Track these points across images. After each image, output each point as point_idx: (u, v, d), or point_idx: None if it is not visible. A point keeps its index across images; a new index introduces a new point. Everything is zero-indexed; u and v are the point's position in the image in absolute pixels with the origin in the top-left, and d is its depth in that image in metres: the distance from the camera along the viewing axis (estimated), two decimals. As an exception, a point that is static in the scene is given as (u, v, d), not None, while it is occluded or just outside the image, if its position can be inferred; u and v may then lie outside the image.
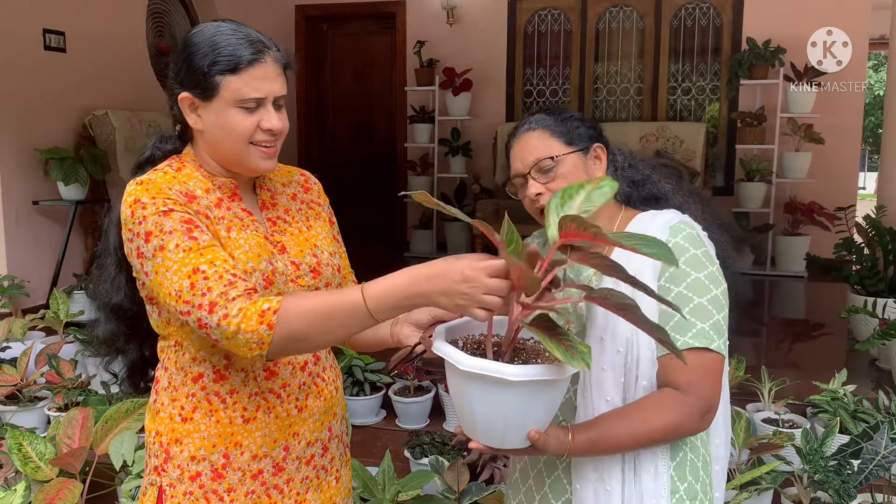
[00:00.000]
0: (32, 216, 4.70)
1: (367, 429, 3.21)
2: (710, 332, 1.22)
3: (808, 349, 4.39)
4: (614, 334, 1.27)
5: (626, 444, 1.22)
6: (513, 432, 1.10)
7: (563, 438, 1.18)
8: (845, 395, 2.83)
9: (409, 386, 3.26)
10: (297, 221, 1.37)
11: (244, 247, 1.24)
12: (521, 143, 1.39)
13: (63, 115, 4.84)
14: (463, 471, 2.54)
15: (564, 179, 1.33)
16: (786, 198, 6.05)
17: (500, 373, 1.03)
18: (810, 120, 5.88)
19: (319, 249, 1.35)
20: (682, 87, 6.61)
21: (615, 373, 1.26)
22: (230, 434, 1.26)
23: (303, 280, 1.29)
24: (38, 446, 2.56)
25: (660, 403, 1.22)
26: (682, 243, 1.28)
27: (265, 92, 1.22)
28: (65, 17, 4.81)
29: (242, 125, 1.22)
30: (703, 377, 1.22)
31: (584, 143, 1.37)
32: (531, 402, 1.07)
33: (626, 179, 1.41)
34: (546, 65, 6.90)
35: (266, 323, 1.08)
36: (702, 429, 1.25)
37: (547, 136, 1.36)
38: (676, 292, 1.25)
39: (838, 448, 2.48)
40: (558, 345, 1.00)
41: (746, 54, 5.98)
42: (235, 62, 1.20)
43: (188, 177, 1.26)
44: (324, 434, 1.35)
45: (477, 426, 1.12)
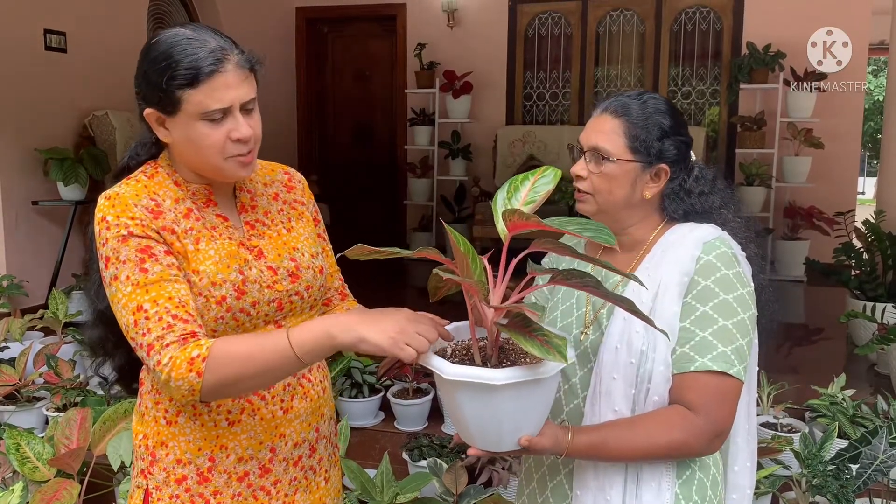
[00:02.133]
0: (32, 216, 4.70)
1: (365, 431, 3.20)
2: (732, 356, 1.19)
3: (807, 354, 4.39)
4: (630, 345, 1.25)
5: (627, 454, 1.20)
6: (508, 434, 1.10)
7: (561, 438, 1.17)
8: (844, 400, 2.82)
9: (408, 388, 3.25)
10: (277, 224, 1.34)
11: (213, 257, 1.22)
12: (597, 119, 1.33)
13: (63, 115, 4.84)
14: (461, 473, 2.53)
15: (608, 181, 1.30)
16: (785, 202, 6.06)
17: (484, 378, 1.04)
18: (810, 124, 5.89)
19: (299, 252, 1.33)
20: (682, 91, 6.61)
21: (626, 383, 1.24)
22: (215, 437, 1.25)
23: (280, 285, 1.28)
24: (36, 446, 2.56)
25: (668, 420, 1.19)
26: (714, 262, 1.24)
27: (229, 101, 1.16)
28: (66, 17, 4.81)
29: (211, 139, 1.18)
30: (718, 401, 1.19)
31: (648, 158, 1.29)
32: (522, 403, 1.07)
33: (685, 206, 1.33)
34: (546, 68, 6.90)
35: (195, 370, 1.09)
36: (709, 452, 1.23)
37: (620, 130, 1.29)
38: (702, 312, 1.22)
39: (837, 453, 2.48)
40: (533, 341, 1.02)
41: (746, 58, 5.99)
42: (194, 75, 1.14)
43: (159, 185, 1.24)
44: (311, 435, 1.34)
45: (472, 432, 1.12)
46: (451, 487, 2.51)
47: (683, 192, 1.32)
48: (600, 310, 1.33)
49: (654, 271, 1.27)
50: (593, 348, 1.30)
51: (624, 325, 1.25)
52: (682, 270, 1.24)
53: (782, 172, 6.04)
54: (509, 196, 1.12)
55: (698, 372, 1.18)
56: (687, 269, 1.24)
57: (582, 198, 1.34)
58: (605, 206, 1.32)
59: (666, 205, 1.33)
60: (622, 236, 1.35)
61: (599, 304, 1.34)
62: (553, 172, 1.13)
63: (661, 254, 1.29)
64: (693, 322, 1.21)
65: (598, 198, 1.31)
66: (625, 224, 1.34)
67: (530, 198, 1.11)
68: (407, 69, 7.06)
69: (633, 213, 1.34)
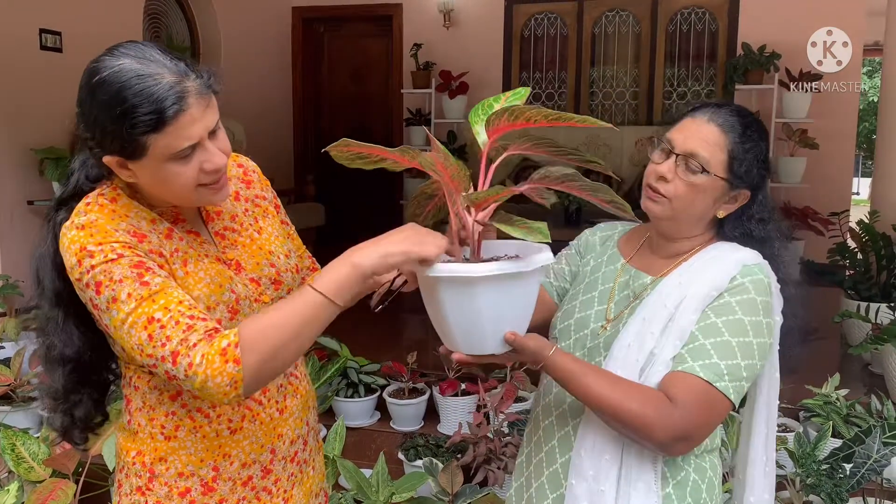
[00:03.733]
0: (27, 216, 4.69)
1: (361, 431, 3.21)
2: (724, 370, 1.17)
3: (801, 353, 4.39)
4: (641, 344, 1.25)
5: (593, 399, 1.17)
6: (490, 335, 1.11)
7: (544, 349, 1.17)
8: (838, 400, 2.84)
9: (404, 388, 3.26)
10: (246, 227, 1.29)
11: (204, 279, 1.17)
12: (698, 123, 1.29)
13: (59, 115, 4.80)
14: (457, 473, 2.54)
15: (693, 192, 1.26)
16: (780, 203, 6.07)
17: (463, 272, 1.06)
18: (805, 125, 5.91)
19: (275, 255, 1.29)
20: (677, 92, 6.63)
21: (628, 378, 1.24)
22: (217, 447, 1.23)
23: (266, 296, 1.25)
24: (32, 447, 2.55)
25: (648, 396, 1.18)
26: (746, 284, 1.23)
27: (198, 136, 1.08)
28: (61, 16, 4.80)
29: (184, 176, 1.10)
30: (698, 405, 1.17)
31: (737, 180, 1.27)
32: (502, 300, 1.08)
33: (744, 230, 1.31)
34: (542, 68, 6.91)
35: (232, 360, 1.02)
36: (669, 451, 1.20)
37: (722, 144, 1.25)
38: (712, 321, 1.21)
39: (830, 452, 2.49)
40: (515, 227, 1.06)
41: (742, 59, 6.00)
42: (156, 119, 1.04)
43: (127, 208, 1.15)
44: (303, 429, 1.35)
45: (454, 335, 1.13)
46: (446, 487, 2.51)
47: (746, 217, 1.31)
48: (623, 311, 1.33)
49: (687, 279, 1.27)
50: (606, 344, 1.31)
51: (642, 326, 1.26)
52: (714, 286, 1.24)
53: (777, 173, 6.05)
54: (483, 113, 1.14)
55: (688, 373, 1.18)
56: (719, 286, 1.23)
57: (656, 198, 1.29)
58: (679, 214, 1.29)
59: (725, 225, 1.32)
60: (671, 244, 1.35)
61: (624, 303, 1.34)
62: (521, 91, 1.15)
63: (698, 266, 1.28)
64: (700, 329, 1.21)
65: (676, 204, 1.28)
66: (684, 235, 1.33)
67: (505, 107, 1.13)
68: (403, 69, 7.06)
69: (698, 227, 1.33)
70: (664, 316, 1.24)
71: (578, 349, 1.35)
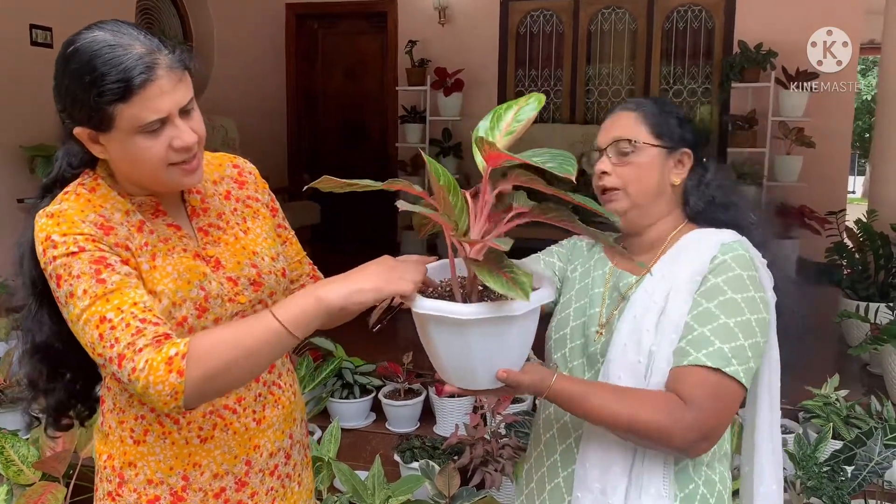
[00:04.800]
0: (17, 215, 4.63)
1: (356, 432, 3.18)
2: (729, 354, 1.14)
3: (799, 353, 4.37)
4: (638, 343, 1.22)
5: (605, 418, 1.14)
6: (482, 372, 1.08)
7: (544, 380, 1.13)
8: (837, 401, 2.82)
9: (400, 389, 3.22)
10: (233, 226, 1.26)
11: (172, 274, 1.14)
12: (612, 118, 1.34)
13: (49, 111, 4.68)
14: (454, 475, 2.50)
15: (636, 169, 1.28)
16: (776, 201, 6.05)
17: (452, 313, 1.01)
18: (801, 123, 5.89)
19: (259, 256, 1.25)
20: (673, 90, 6.60)
21: (633, 383, 1.22)
22: (187, 455, 1.18)
23: (242, 296, 1.21)
24: (21, 449, 2.51)
25: (657, 401, 1.14)
26: (730, 262, 1.21)
27: (167, 109, 1.07)
28: (52, 12, 4.74)
29: (151, 151, 1.08)
30: (711, 398, 1.13)
31: (672, 143, 1.30)
32: (493, 341, 1.05)
33: (706, 197, 1.32)
34: (538, 66, 6.88)
35: (175, 370, 0.99)
36: (690, 453, 1.16)
37: (639, 120, 1.30)
38: (705, 308, 1.19)
39: (831, 454, 2.47)
40: (497, 277, 0.98)
41: (738, 57, 5.98)
42: (124, 87, 1.04)
43: (104, 198, 1.14)
44: (285, 442, 1.30)
45: (446, 368, 1.10)
46: (443, 490, 2.48)
47: (704, 185, 1.32)
48: (613, 312, 1.31)
49: (668, 270, 1.25)
50: (603, 350, 1.28)
51: (633, 325, 1.23)
52: (696, 269, 1.22)
53: (774, 172, 6.04)
54: (492, 126, 1.07)
55: (692, 366, 1.14)
56: (701, 269, 1.22)
57: (611, 196, 1.30)
58: (637, 197, 1.29)
59: (689, 198, 1.32)
60: (646, 234, 1.33)
61: (613, 307, 1.31)
62: (537, 99, 1.07)
63: (677, 254, 1.27)
64: (695, 318, 1.18)
65: (630, 189, 1.28)
66: (654, 216, 1.32)
67: (511, 127, 1.06)
68: (398, 66, 7.02)
69: (661, 205, 1.31)
70: (654, 311, 1.22)
71: (577, 357, 1.32)
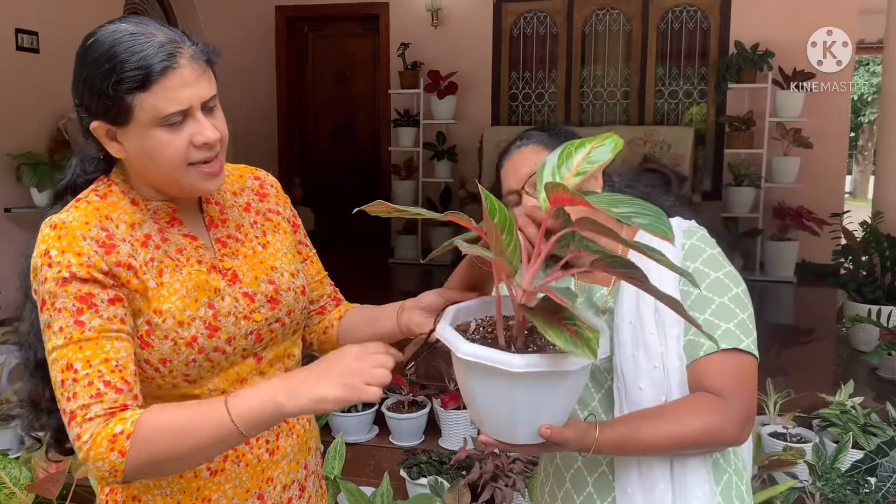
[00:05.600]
0: (4, 224, 4.51)
1: (359, 446, 3.09)
2: (737, 331, 1.15)
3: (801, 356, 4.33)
4: (647, 350, 1.18)
5: (660, 444, 1.10)
6: (523, 427, 0.98)
7: (588, 434, 1.07)
8: (853, 408, 2.76)
9: (403, 401, 3.14)
10: (252, 239, 1.21)
11: (180, 291, 1.08)
12: (513, 158, 1.31)
13: (36, 118, 4.65)
14: (464, 492, 2.42)
15: None
16: (774, 202, 6.02)
17: (501, 363, 0.91)
18: (798, 124, 5.86)
19: (278, 272, 1.19)
20: (669, 91, 6.56)
21: (655, 390, 1.17)
22: (196, 489, 1.12)
23: (258, 314, 1.15)
24: (13, 471, 2.41)
25: (699, 405, 1.12)
26: (698, 244, 1.23)
27: (188, 101, 1.03)
28: (38, 16, 4.63)
29: (172, 147, 1.03)
30: (739, 381, 1.14)
31: None
32: (542, 395, 0.96)
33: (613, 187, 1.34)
34: (532, 68, 6.82)
35: (118, 449, 0.95)
36: (741, 440, 1.15)
37: (541, 149, 1.26)
38: (697, 294, 1.18)
39: (852, 465, 2.40)
40: (560, 330, 0.88)
41: (735, 58, 5.95)
42: (144, 75, 1.00)
43: (113, 206, 1.09)
44: (300, 474, 1.23)
45: (483, 418, 1.01)
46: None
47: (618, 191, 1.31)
48: None
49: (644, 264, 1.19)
50: (604, 367, 1.23)
51: (633, 331, 1.19)
52: (672, 259, 1.18)
53: (771, 172, 6.01)
54: (559, 164, 0.97)
55: (709, 355, 1.14)
56: (674, 257, 1.20)
57: None
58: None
59: None
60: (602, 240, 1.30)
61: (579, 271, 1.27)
62: (613, 142, 0.97)
63: None
64: (691, 307, 1.17)
65: None
66: None
67: (582, 168, 0.96)
68: (390, 69, 6.94)
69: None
70: (649, 310, 1.19)
71: None
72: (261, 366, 1.17)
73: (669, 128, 6.29)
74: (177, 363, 1.06)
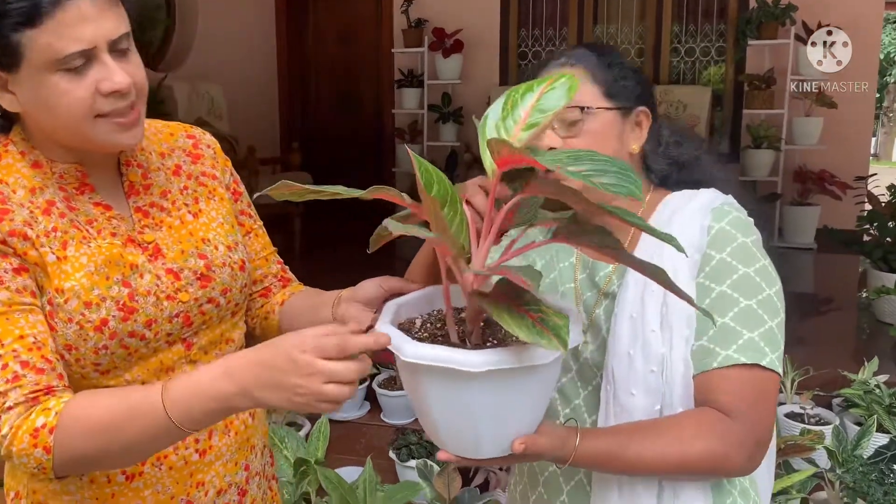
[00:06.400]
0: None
1: (348, 424, 2.99)
2: (761, 343, 0.97)
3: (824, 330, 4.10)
4: (645, 348, 1.00)
5: (650, 466, 0.94)
6: (488, 437, 0.84)
7: (566, 443, 0.91)
8: (878, 387, 2.55)
9: (395, 377, 2.98)
10: (179, 207, 1.06)
11: (87, 267, 0.94)
12: None
13: None
14: (454, 477, 2.28)
15: (590, 140, 1.05)
16: (795, 165, 5.75)
17: (456, 363, 0.76)
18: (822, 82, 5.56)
19: (210, 245, 1.05)
20: (685, 49, 6.26)
21: (649, 398, 1.00)
22: (110, 496, 0.99)
23: (185, 294, 1.01)
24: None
25: (702, 424, 0.95)
26: (728, 229, 1.03)
27: (90, 39, 0.88)
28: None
29: (72, 96, 0.89)
30: (755, 401, 0.96)
31: (627, 102, 1.09)
32: (507, 398, 0.81)
33: (669, 159, 1.14)
34: (542, 26, 6.53)
35: (42, 445, 0.85)
36: (748, 469, 0.98)
37: (586, 79, 1.07)
38: (718, 292, 1.00)
39: (876, 451, 2.22)
40: (521, 319, 0.74)
41: (755, 12, 5.64)
42: (30, 6, 0.85)
43: (9, 170, 0.95)
44: (239, 476, 1.09)
45: (440, 432, 0.85)
46: (442, 492, 2.27)
47: (662, 145, 1.14)
48: (594, 310, 1.08)
49: (654, 251, 1.02)
50: (595, 361, 1.06)
51: (633, 327, 1.01)
52: (692, 245, 1.02)
53: (792, 134, 5.72)
54: (504, 115, 0.81)
55: (724, 368, 0.96)
56: (698, 244, 1.02)
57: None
58: None
59: (650, 163, 1.14)
60: None
61: (592, 303, 1.09)
62: (568, 82, 0.82)
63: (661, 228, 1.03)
64: (709, 307, 0.99)
65: None
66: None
67: (532, 119, 0.80)
68: (393, 27, 6.68)
69: None
70: (655, 304, 1.01)
71: (564, 374, 1.11)
72: (191, 353, 1.03)
73: (685, 87, 6.01)
74: (84, 350, 0.92)
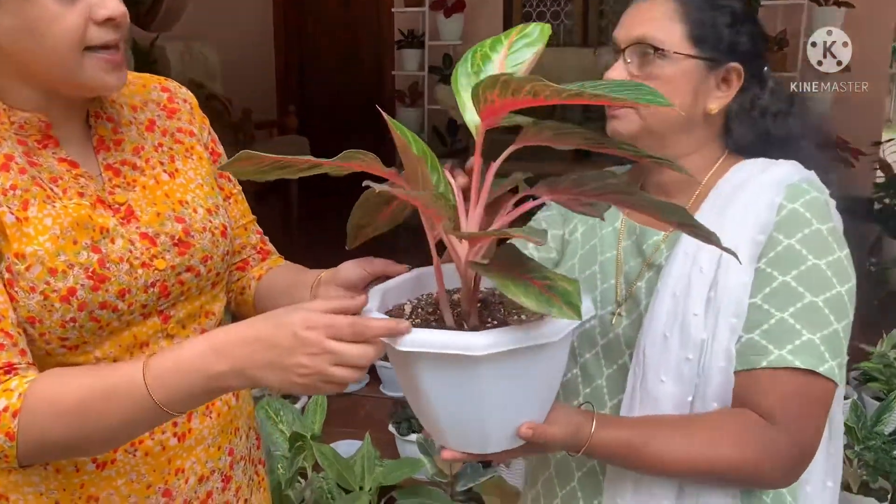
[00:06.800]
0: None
1: (347, 396, 2.93)
2: (822, 347, 0.86)
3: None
4: (684, 331, 0.90)
5: (673, 467, 0.86)
6: (495, 428, 0.78)
7: (581, 430, 0.84)
8: (897, 361, 2.47)
9: (396, 348, 2.90)
10: (154, 166, 0.97)
11: (52, 230, 0.84)
12: (641, 5, 0.99)
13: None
14: (456, 452, 2.21)
15: (661, 86, 0.88)
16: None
17: (457, 347, 0.70)
18: (836, 45, 5.41)
19: (189, 208, 0.96)
20: (695, 9, 6.11)
21: (681, 387, 0.90)
22: (79, 486, 0.91)
23: (161, 261, 0.92)
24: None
25: (739, 427, 0.86)
26: (802, 211, 0.91)
27: None
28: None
29: (64, 22, 0.80)
30: (804, 410, 0.87)
31: (716, 53, 0.95)
32: (515, 383, 0.75)
33: (759, 130, 0.99)
34: (547, -17, 6.38)
35: (3, 431, 0.77)
36: (785, 484, 0.90)
37: (677, 13, 0.95)
38: (781, 283, 0.89)
39: (896, 427, 2.14)
40: (527, 287, 0.66)
41: (769, -29, 5.48)
42: None
43: None
44: (222, 461, 1.01)
45: (442, 427, 0.79)
46: (444, 468, 2.21)
47: (757, 111, 0.98)
48: (636, 282, 0.98)
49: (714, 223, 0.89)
50: (627, 338, 0.96)
51: (674, 304, 0.91)
52: (756, 224, 0.90)
53: (804, 98, 5.60)
54: (474, 71, 0.76)
55: (775, 369, 0.86)
56: (764, 223, 0.91)
57: (619, 113, 0.97)
58: (653, 124, 0.96)
59: (733, 128, 0.99)
60: (665, 174, 1.00)
61: (634, 274, 0.98)
62: (539, 28, 0.77)
63: (724, 202, 0.93)
64: (767, 298, 0.89)
65: (644, 110, 0.95)
66: (679, 150, 0.98)
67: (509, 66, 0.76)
68: (394, -15, 6.52)
69: (689, 139, 0.98)
70: (702, 284, 0.90)
71: (588, 349, 1.01)
72: (168, 327, 0.94)
73: (695, 49, 5.88)
74: (49, 324, 0.83)
